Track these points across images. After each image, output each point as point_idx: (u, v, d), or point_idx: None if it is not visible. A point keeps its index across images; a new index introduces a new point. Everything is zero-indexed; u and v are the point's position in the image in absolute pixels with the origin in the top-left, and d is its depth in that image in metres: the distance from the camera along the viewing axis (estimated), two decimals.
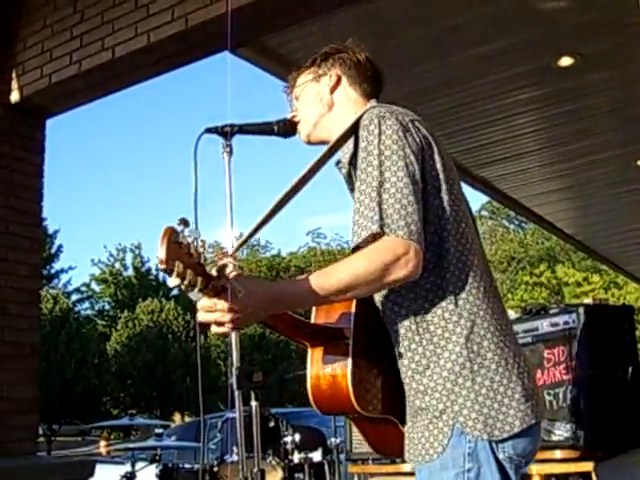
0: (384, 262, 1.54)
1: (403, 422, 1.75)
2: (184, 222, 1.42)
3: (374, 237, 1.57)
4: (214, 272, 1.46)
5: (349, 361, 1.67)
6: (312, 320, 1.80)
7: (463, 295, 1.66)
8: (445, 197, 1.70)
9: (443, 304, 1.66)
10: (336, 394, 1.68)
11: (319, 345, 1.73)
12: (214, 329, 1.57)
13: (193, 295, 1.45)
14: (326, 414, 1.78)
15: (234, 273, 1.58)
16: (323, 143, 1.92)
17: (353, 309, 1.73)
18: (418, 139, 1.69)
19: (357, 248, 1.60)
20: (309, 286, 1.56)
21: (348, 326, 1.71)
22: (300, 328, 1.75)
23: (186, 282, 1.41)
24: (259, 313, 1.59)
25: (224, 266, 1.51)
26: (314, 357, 1.73)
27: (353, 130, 1.76)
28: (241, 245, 1.87)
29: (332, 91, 1.93)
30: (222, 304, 1.50)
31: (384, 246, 1.56)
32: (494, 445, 1.60)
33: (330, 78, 1.93)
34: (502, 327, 1.69)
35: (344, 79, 1.93)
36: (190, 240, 1.42)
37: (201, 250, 1.44)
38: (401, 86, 5.55)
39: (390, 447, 1.86)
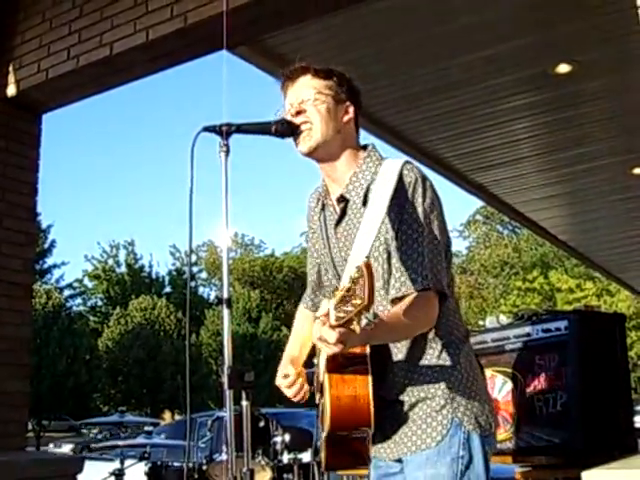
0: (432, 319, 1.89)
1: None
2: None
3: (422, 289, 1.85)
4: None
5: (370, 383, 1.85)
6: None
7: (461, 326, 2.03)
8: (449, 253, 2.02)
9: (455, 327, 2.01)
10: (356, 412, 1.85)
11: (335, 372, 1.88)
12: (325, 346, 1.66)
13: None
14: (334, 431, 1.90)
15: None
16: (317, 160, 2.04)
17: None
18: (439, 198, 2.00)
19: (404, 295, 1.87)
20: (393, 331, 1.84)
21: (361, 352, 1.88)
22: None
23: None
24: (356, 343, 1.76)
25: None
26: (333, 380, 1.87)
27: (395, 179, 1.91)
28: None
29: (347, 122, 2.04)
30: (348, 332, 1.61)
31: (433, 305, 1.87)
32: (483, 439, 1.93)
33: (347, 109, 2.05)
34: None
35: (353, 119, 2.07)
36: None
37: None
38: (399, 88, 5.55)
39: (342, 459, 2.07)
